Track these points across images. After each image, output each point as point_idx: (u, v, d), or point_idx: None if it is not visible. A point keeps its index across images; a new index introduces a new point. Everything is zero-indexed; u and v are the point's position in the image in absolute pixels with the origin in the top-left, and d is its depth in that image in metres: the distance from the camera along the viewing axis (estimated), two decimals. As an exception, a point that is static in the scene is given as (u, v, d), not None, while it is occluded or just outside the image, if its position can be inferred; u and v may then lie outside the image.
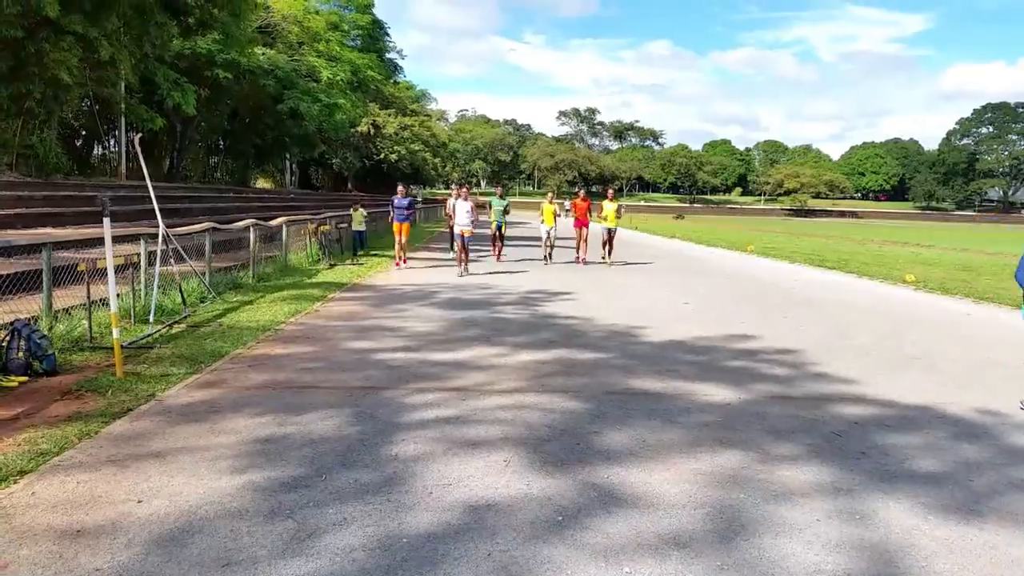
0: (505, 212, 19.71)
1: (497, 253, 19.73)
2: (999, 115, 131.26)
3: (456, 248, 15.86)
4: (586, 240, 19.31)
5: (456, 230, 16.04)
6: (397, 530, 3.62)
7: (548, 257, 19.00)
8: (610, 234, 18.86)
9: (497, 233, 19.57)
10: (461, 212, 16.06)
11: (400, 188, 18.00)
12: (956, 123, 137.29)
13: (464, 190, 16.90)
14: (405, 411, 5.62)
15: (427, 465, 4.50)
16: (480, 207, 18.19)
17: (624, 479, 4.37)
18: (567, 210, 20.40)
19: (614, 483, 4.31)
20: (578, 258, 19.20)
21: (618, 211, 19.11)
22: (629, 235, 23.42)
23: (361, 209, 19.92)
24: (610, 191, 20.06)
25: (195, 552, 3.36)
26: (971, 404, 6.30)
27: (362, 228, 19.71)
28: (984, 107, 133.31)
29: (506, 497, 4.07)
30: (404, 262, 17.50)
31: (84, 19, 16.10)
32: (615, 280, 15.54)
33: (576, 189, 21.00)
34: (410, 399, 5.95)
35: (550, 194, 21.30)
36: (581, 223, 19.31)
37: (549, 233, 18.99)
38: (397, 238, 17.45)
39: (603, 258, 18.98)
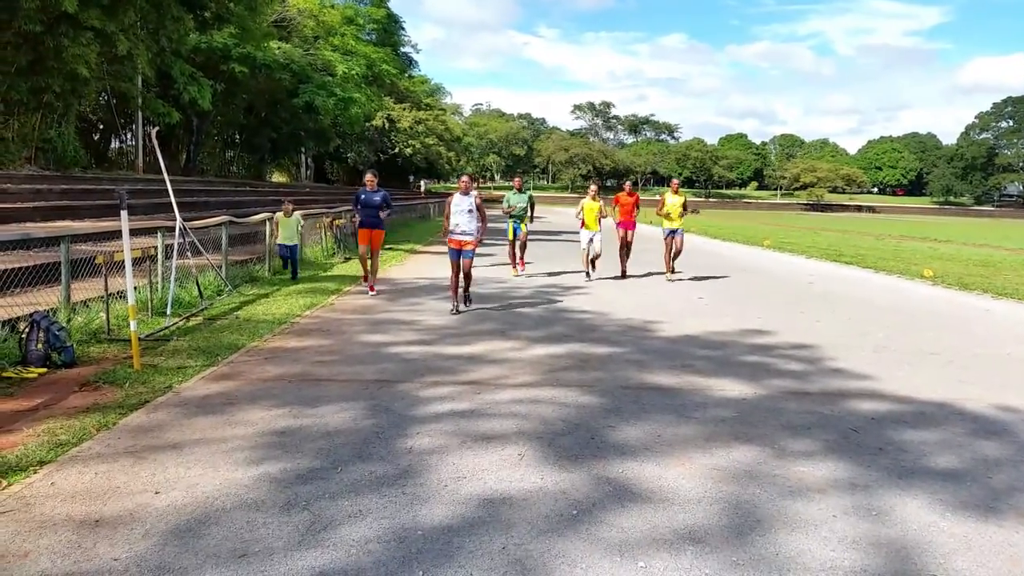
0: (528, 209, 14.95)
1: (516, 263, 15.04)
2: (1019, 109, 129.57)
3: (451, 271, 10.32)
4: (630, 243, 15.08)
5: (450, 238, 10.33)
6: (412, 523, 3.63)
7: (589, 272, 14.42)
8: (675, 238, 14.44)
9: (516, 241, 14.90)
10: (459, 214, 10.22)
11: (369, 177, 11.94)
12: (975, 117, 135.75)
13: (464, 179, 10.68)
14: (420, 404, 5.63)
15: (442, 458, 4.51)
16: (493, 202, 15.70)
17: (639, 474, 4.36)
18: (609, 203, 15.31)
19: (629, 477, 4.30)
20: (622, 270, 15.03)
21: (684, 207, 14.54)
22: (643, 229, 19.45)
23: (296, 214, 13.64)
24: (675, 181, 15.26)
25: (211, 543, 3.38)
26: (990, 400, 6.24)
27: (293, 242, 13.39)
28: (1004, 100, 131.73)
29: (520, 491, 4.07)
30: (371, 289, 11.75)
31: (102, 14, 16.26)
32: (629, 276, 15.48)
33: (625, 185, 15.67)
34: (425, 392, 5.97)
35: (593, 187, 14.90)
36: (626, 224, 14.93)
37: (593, 241, 14.15)
38: (362, 249, 11.91)
39: (668, 268, 14.67)
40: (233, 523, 3.58)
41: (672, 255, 14.55)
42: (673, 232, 14.44)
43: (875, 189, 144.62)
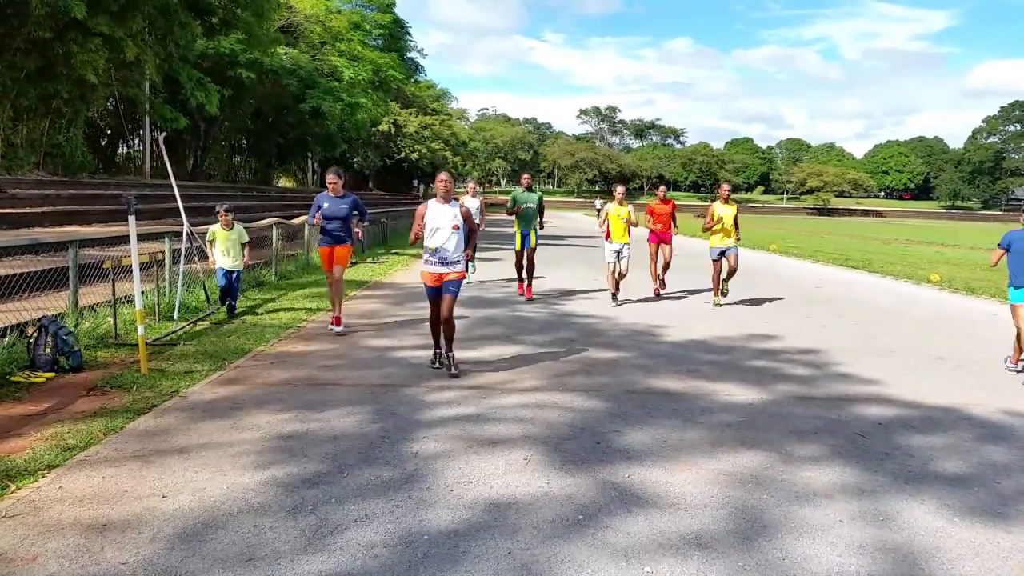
0: (537, 216, 11.99)
1: (524, 285, 12.15)
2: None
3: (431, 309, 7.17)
4: (668, 262, 12.62)
5: (424, 269, 7.11)
6: (418, 527, 3.64)
7: (614, 294, 11.67)
8: (727, 257, 11.53)
9: (524, 252, 11.99)
10: (439, 233, 6.89)
11: (331, 177, 8.75)
12: (982, 121, 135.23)
13: (442, 179, 7.09)
14: (425, 408, 5.63)
15: (447, 462, 4.52)
16: (498, 206, 12.89)
17: (645, 478, 4.36)
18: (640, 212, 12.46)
19: (635, 482, 4.30)
20: (655, 288, 12.72)
21: (736, 221, 11.66)
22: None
23: (237, 225, 9.69)
24: (724, 186, 12.00)
25: (218, 547, 3.39)
26: (997, 405, 6.22)
27: (235, 267, 9.50)
28: (1012, 104, 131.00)
29: (526, 495, 4.07)
30: (337, 322, 8.70)
31: (110, 20, 16.36)
32: (634, 280, 15.44)
33: (657, 191, 13.21)
34: (430, 396, 5.97)
35: (620, 189, 11.84)
36: (661, 237, 12.54)
37: (620, 254, 11.51)
38: (329, 276, 8.95)
39: (717, 294, 11.83)
40: (240, 527, 3.59)
41: (726, 275, 11.66)
42: (724, 252, 11.55)
43: (882, 193, 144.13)
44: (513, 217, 12.09)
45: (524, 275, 12.10)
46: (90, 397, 5.77)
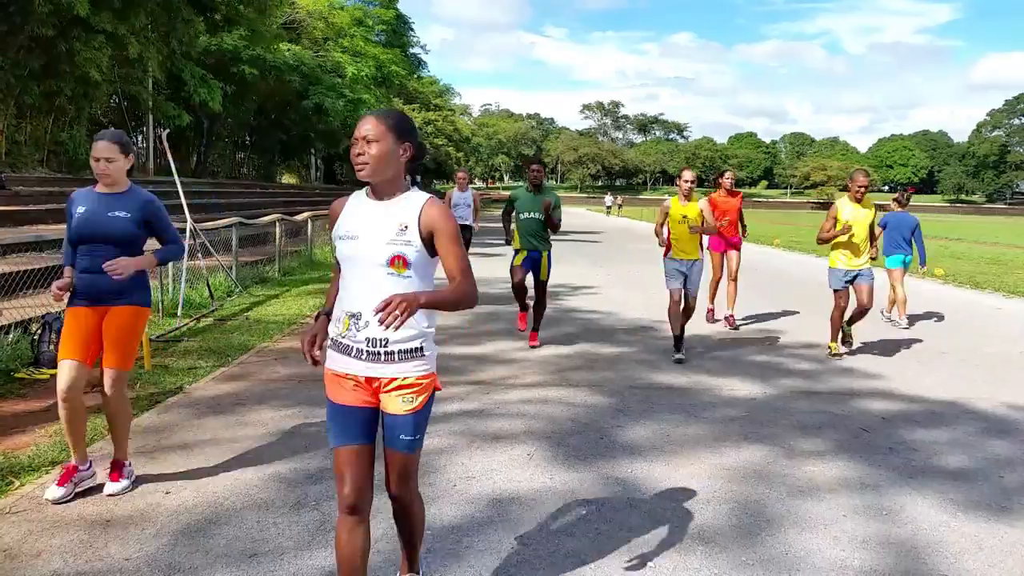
0: (546, 226, 7.66)
1: (529, 326, 8.14)
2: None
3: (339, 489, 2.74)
4: (734, 277, 9.44)
5: (328, 366, 2.90)
6: (421, 522, 3.64)
7: (678, 339, 7.43)
8: (859, 286, 7.58)
9: (524, 272, 7.92)
10: (355, 261, 2.54)
11: (101, 148, 3.86)
12: (987, 114, 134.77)
13: (360, 135, 2.60)
14: (429, 404, 5.63)
15: (450, 458, 4.52)
16: (499, 202, 10.44)
17: (648, 473, 4.36)
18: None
19: (637, 477, 4.30)
20: (711, 311, 9.62)
21: (873, 231, 7.70)
22: (647, 229, 16.37)
23: None
24: (860, 177, 7.55)
25: (222, 543, 3.40)
26: (1001, 399, 6.20)
27: None
28: (1017, 98, 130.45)
29: (529, 490, 4.07)
30: (115, 474, 3.93)
31: (113, 17, 16.38)
32: (638, 275, 15.43)
33: (722, 178, 9.80)
34: (433, 392, 5.96)
35: (688, 178, 7.50)
36: (724, 242, 9.41)
37: (689, 279, 7.59)
38: (63, 377, 3.84)
39: (836, 340, 7.84)
40: (243, 523, 3.60)
41: (852, 314, 7.77)
42: (855, 277, 7.62)
43: (886, 187, 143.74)
44: (512, 227, 8.19)
45: (529, 321, 8.17)
46: (94, 393, 5.77)
